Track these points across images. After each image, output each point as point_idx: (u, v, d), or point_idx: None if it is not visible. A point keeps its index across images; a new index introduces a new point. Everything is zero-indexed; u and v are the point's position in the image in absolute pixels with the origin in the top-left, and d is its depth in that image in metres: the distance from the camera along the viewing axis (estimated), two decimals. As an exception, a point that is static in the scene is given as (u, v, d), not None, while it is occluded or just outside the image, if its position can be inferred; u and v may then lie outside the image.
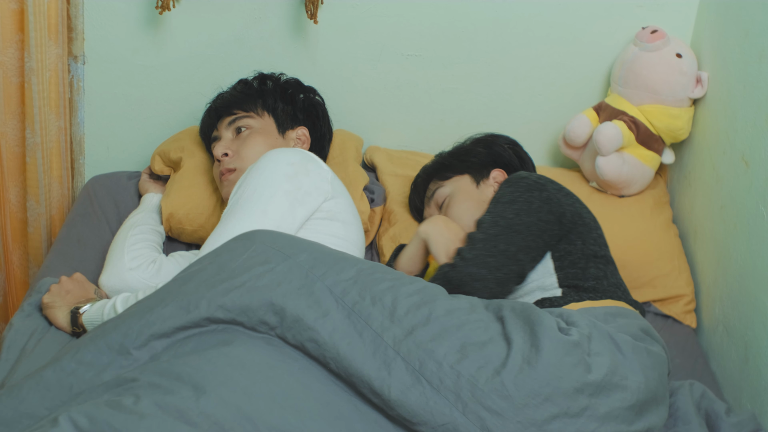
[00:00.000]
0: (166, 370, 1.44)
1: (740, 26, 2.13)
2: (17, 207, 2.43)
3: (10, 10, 2.23)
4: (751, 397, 1.91)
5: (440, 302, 1.56)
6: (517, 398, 1.45)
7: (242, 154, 2.07)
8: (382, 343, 1.49)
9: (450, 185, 2.12)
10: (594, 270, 1.85)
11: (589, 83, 2.47)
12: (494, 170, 2.13)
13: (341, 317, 1.52)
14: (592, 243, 1.89)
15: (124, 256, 2.04)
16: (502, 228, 1.82)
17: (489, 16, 2.40)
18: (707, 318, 2.19)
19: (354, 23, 2.40)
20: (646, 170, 2.37)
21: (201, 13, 2.38)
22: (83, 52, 2.40)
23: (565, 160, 2.54)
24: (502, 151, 2.16)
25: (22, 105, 2.33)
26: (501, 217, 1.84)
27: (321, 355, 1.50)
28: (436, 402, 1.45)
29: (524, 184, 1.90)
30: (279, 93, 2.19)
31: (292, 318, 1.51)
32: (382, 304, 1.53)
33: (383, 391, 1.46)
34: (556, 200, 1.88)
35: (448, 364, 1.47)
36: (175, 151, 2.30)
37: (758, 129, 1.98)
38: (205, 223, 2.22)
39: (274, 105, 2.17)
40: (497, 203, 1.89)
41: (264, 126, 2.14)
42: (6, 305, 2.50)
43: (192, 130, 2.36)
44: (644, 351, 1.61)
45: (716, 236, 2.16)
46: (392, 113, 2.50)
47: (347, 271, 1.58)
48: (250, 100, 2.17)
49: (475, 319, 1.55)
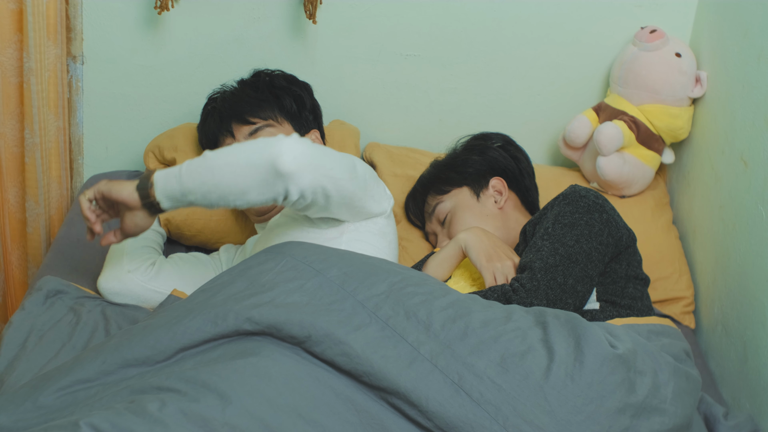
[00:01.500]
0: (192, 378, 1.40)
1: (739, 26, 2.13)
2: (16, 207, 2.43)
3: (9, 10, 2.23)
4: (750, 397, 1.91)
5: (475, 315, 1.53)
6: (559, 414, 1.42)
7: None
8: (418, 356, 1.46)
9: (450, 200, 2.11)
10: (632, 290, 1.84)
11: (588, 83, 2.47)
12: (493, 179, 2.12)
13: (375, 330, 1.48)
14: (636, 265, 1.87)
15: (123, 258, 2.02)
16: (561, 257, 1.78)
17: (488, 16, 2.40)
18: (706, 318, 2.19)
19: (353, 23, 2.40)
20: (647, 170, 2.37)
21: (200, 13, 2.38)
22: (82, 53, 2.40)
23: (565, 160, 2.54)
24: (498, 156, 2.15)
25: (20, 105, 2.33)
26: (561, 244, 1.79)
27: (353, 369, 1.45)
28: (475, 414, 1.41)
29: (584, 204, 1.85)
30: (293, 96, 2.13)
31: (322, 333, 1.46)
32: (417, 318, 1.50)
33: (420, 402, 1.41)
34: (614, 222, 1.85)
35: (489, 377, 1.43)
36: (169, 150, 2.26)
37: (757, 129, 1.98)
38: (203, 228, 2.20)
39: (291, 110, 2.12)
40: (556, 223, 1.83)
41: (285, 131, 2.08)
42: (5, 305, 2.50)
43: (186, 128, 2.32)
44: (684, 375, 1.58)
45: (715, 236, 2.16)
46: (391, 113, 2.50)
47: (378, 285, 1.55)
48: (266, 106, 2.09)
49: (512, 328, 1.51)
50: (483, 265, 1.85)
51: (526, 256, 1.82)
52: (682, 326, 2.21)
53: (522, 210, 2.15)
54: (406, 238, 2.26)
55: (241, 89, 2.14)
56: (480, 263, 1.85)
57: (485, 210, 2.08)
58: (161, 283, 2.01)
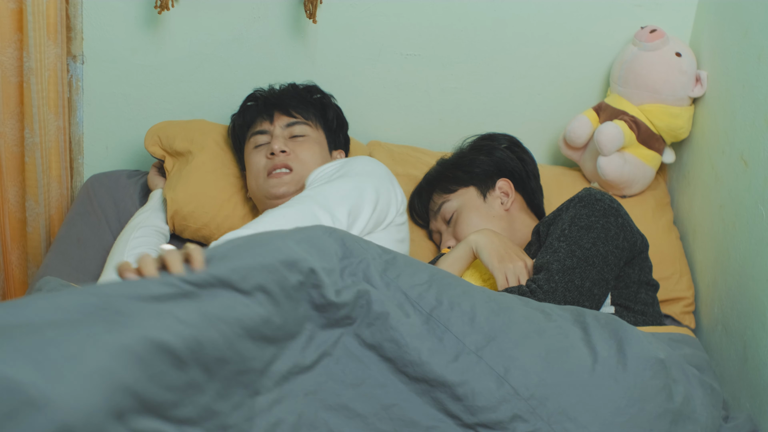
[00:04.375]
0: None
1: (739, 25, 2.13)
2: (16, 207, 2.43)
3: (9, 10, 2.23)
4: (750, 396, 1.91)
5: (517, 309, 1.50)
6: (602, 413, 1.41)
7: (301, 157, 2.08)
8: (464, 348, 1.42)
9: (456, 199, 2.11)
10: (644, 295, 1.84)
11: (588, 83, 2.47)
12: (500, 180, 2.13)
13: (419, 322, 1.43)
14: (647, 271, 1.87)
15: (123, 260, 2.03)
16: (578, 260, 1.78)
17: (488, 15, 2.40)
18: (706, 317, 2.19)
19: (353, 23, 2.40)
20: (648, 170, 2.37)
21: (200, 12, 2.38)
22: (82, 52, 2.40)
23: (566, 159, 2.54)
24: (505, 157, 2.15)
25: (20, 105, 2.33)
26: (578, 246, 1.79)
27: (399, 357, 1.40)
28: (520, 409, 1.39)
29: (600, 207, 1.85)
30: (336, 113, 2.23)
31: (378, 312, 1.41)
32: (461, 309, 1.46)
33: (467, 396, 1.39)
34: (629, 227, 1.85)
35: (534, 371, 1.41)
36: (182, 141, 2.28)
37: (757, 128, 1.98)
38: (209, 222, 2.21)
39: (330, 122, 2.20)
40: (572, 225, 1.83)
41: (319, 138, 2.15)
42: (5, 305, 2.50)
43: (201, 124, 2.34)
44: (709, 387, 1.57)
45: (715, 236, 2.16)
46: (391, 113, 2.50)
47: (420, 274, 1.50)
48: (311, 108, 2.17)
49: (554, 325, 1.49)
50: (495, 266, 1.84)
51: (542, 257, 1.81)
52: (681, 326, 2.21)
53: (528, 212, 2.15)
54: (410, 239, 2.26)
55: (292, 88, 2.23)
56: (492, 264, 1.84)
57: (492, 211, 2.08)
58: None
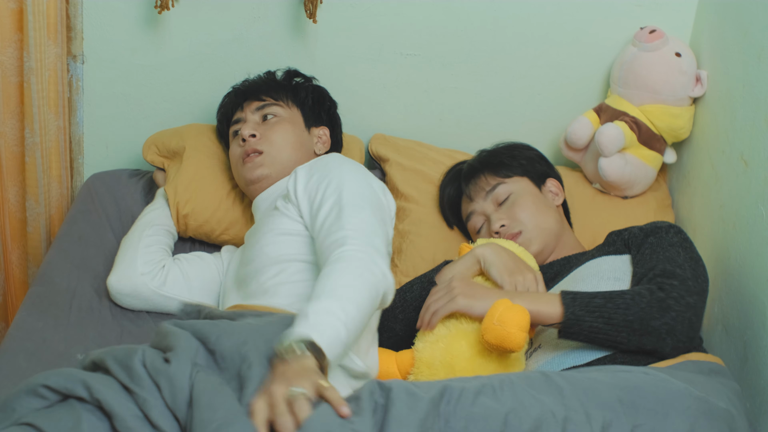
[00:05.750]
0: None
1: (739, 25, 2.12)
2: (16, 207, 2.43)
3: (9, 10, 2.23)
4: (750, 397, 1.91)
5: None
6: None
7: (270, 138, 2.08)
8: None
9: (510, 185, 2.09)
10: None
11: (588, 83, 2.47)
12: (549, 179, 2.15)
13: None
14: None
15: (137, 259, 2.06)
16: (701, 289, 1.78)
17: (488, 15, 2.40)
18: (706, 317, 2.18)
19: (353, 22, 2.40)
20: (649, 170, 2.36)
21: (200, 12, 2.38)
22: (82, 52, 2.40)
23: (566, 160, 2.54)
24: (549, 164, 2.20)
25: (21, 105, 2.33)
26: (698, 274, 1.79)
27: None
28: None
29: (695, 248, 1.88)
30: (311, 90, 2.22)
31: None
32: None
33: None
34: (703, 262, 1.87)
35: None
36: (176, 141, 2.30)
37: (757, 128, 1.98)
38: (210, 218, 2.23)
39: (304, 99, 2.19)
40: (686, 250, 1.84)
41: (292, 117, 2.15)
42: (5, 305, 2.50)
43: (195, 127, 2.36)
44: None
45: (715, 235, 2.16)
46: (391, 112, 2.50)
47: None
48: (281, 89, 2.18)
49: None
50: (505, 280, 1.82)
51: (665, 264, 1.78)
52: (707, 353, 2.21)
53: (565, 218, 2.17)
54: (415, 232, 2.26)
55: (266, 75, 2.24)
56: (502, 278, 1.83)
57: (548, 202, 2.10)
58: (169, 288, 2.06)
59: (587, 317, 1.71)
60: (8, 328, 2.17)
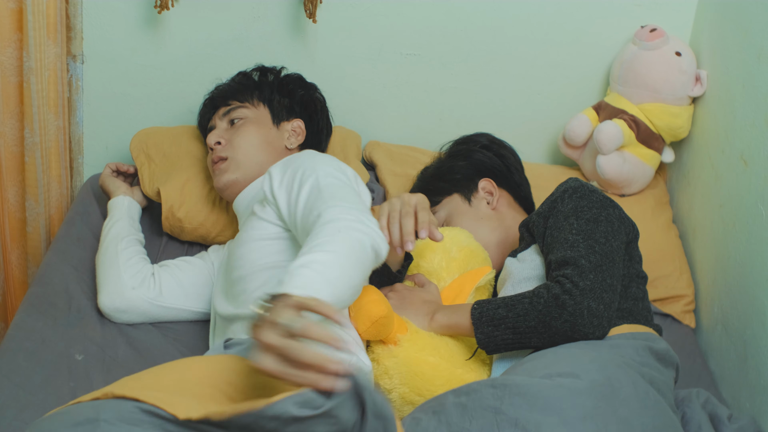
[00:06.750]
0: None
1: (739, 25, 2.12)
2: (16, 206, 2.43)
3: (9, 10, 2.23)
4: (749, 396, 1.91)
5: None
6: None
7: (234, 143, 2.07)
8: None
9: (443, 209, 2.09)
10: (635, 289, 1.77)
11: (588, 82, 2.47)
12: (481, 181, 2.10)
13: None
14: (637, 260, 1.81)
15: (123, 275, 2.02)
16: (600, 256, 1.67)
17: (488, 15, 2.40)
18: (706, 317, 2.19)
19: (353, 22, 2.40)
20: (647, 169, 2.37)
21: (200, 12, 2.38)
22: (82, 52, 2.40)
23: (565, 159, 2.54)
24: (483, 158, 2.13)
25: (20, 104, 2.33)
26: (594, 241, 1.69)
27: None
28: None
29: (597, 199, 1.77)
30: (276, 85, 2.19)
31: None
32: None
33: None
34: (625, 217, 1.79)
35: None
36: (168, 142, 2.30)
37: (757, 128, 1.98)
38: (204, 220, 2.22)
39: (270, 96, 2.17)
40: (579, 218, 1.74)
41: (258, 116, 2.13)
42: (5, 305, 2.50)
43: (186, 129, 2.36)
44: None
45: (715, 235, 2.16)
46: (391, 112, 2.50)
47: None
48: (246, 90, 2.17)
49: None
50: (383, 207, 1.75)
51: (560, 251, 1.70)
52: (682, 325, 2.21)
53: (516, 207, 2.13)
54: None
55: (238, 76, 2.23)
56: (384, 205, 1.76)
57: (479, 213, 2.07)
58: (166, 298, 2.05)
59: (496, 332, 1.67)
60: (7, 328, 2.17)
